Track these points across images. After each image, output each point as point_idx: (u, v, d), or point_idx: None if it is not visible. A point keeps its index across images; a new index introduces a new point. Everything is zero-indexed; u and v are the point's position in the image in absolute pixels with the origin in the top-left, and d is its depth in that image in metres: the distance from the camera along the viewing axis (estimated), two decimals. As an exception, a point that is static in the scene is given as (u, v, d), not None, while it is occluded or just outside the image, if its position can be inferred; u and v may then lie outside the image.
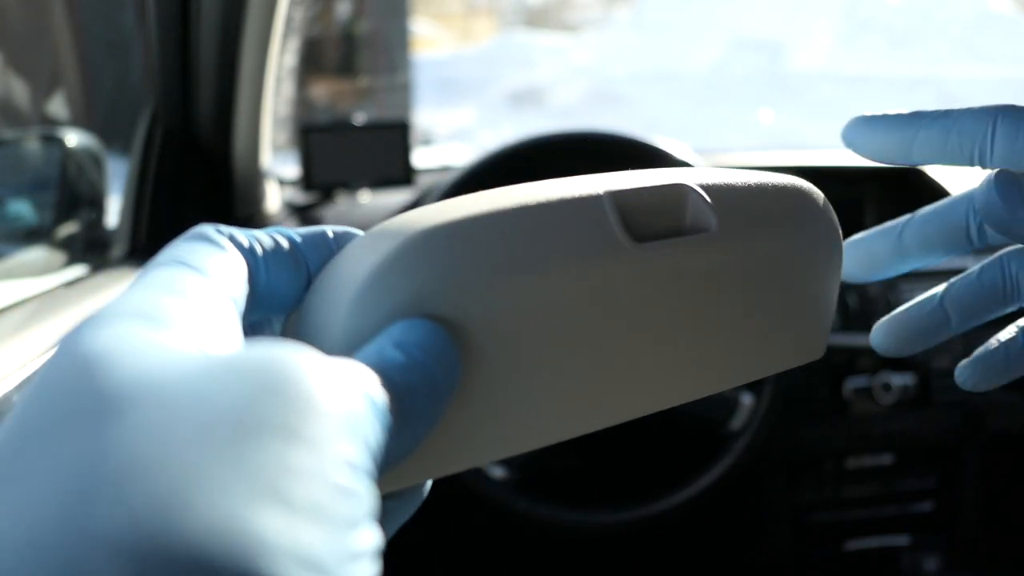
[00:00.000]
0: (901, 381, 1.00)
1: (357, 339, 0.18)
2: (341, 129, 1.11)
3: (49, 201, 0.92)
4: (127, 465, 0.12)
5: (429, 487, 0.22)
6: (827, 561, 1.11)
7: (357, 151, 1.10)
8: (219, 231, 0.19)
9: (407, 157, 1.10)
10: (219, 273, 0.17)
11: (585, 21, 6.74)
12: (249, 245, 0.19)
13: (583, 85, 5.42)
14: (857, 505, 1.09)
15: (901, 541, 1.11)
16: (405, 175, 1.10)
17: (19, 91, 2.07)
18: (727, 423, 0.88)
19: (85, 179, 0.94)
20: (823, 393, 1.01)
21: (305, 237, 0.20)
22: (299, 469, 0.13)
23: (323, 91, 4.29)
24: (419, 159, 1.20)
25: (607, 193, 0.21)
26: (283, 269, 0.19)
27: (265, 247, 0.19)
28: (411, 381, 0.17)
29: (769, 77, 5.29)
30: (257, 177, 1.04)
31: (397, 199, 1.08)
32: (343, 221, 1.07)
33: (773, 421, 0.88)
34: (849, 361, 1.01)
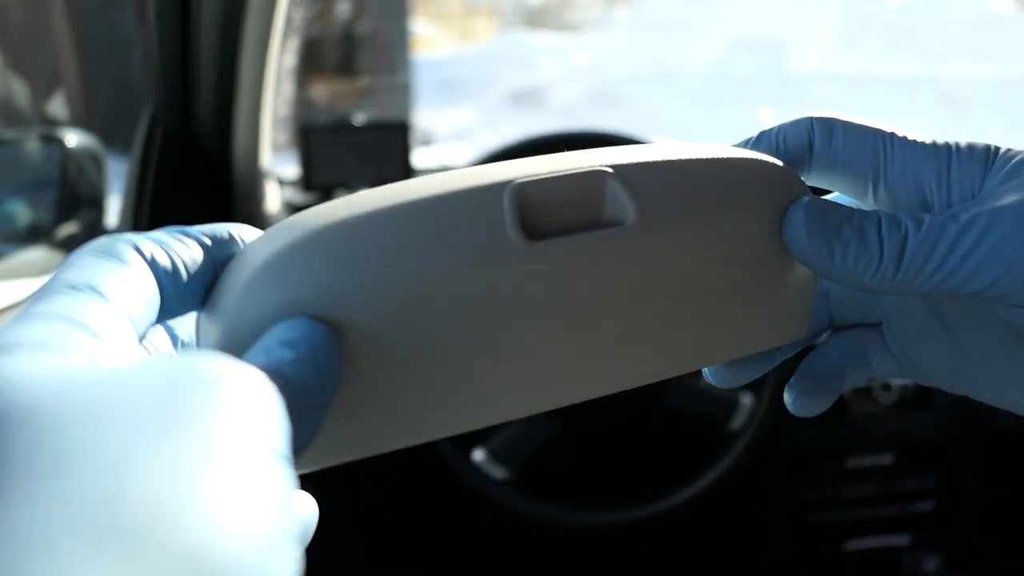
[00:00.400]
0: (901, 381, 1.00)
1: (243, 335, 0.19)
2: (341, 129, 1.11)
3: (49, 201, 0.92)
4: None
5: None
6: (827, 561, 1.11)
7: (357, 151, 1.10)
8: (124, 242, 0.19)
9: (407, 157, 1.10)
10: (117, 293, 0.17)
11: (585, 21, 6.73)
12: (151, 257, 0.19)
13: (583, 85, 5.42)
14: (857, 505, 1.09)
15: (901, 541, 1.11)
16: (405, 175, 1.10)
17: (19, 91, 2.07)
18: (727, 423, 0.88)
19: (85, 179, 0.94)
20: (823, 393, 1.01)
21: (213, 239, 0.20)
22: (208, 467, 0.13)
23: (323, 91, 4.29)
24: (419, 159, 1.20)
25: (510, 185, 0.20)
26: (192, 273, 0.20)
27: (173, 254, 0.19)
28: (301, 375, 0.18)
29: (769, 77, 5.29)
30: (257, 177, 1.04)
31: (397, 199, 1.08)
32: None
33: (773, 421, 0.88)
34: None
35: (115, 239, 0.19)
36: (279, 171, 1.18)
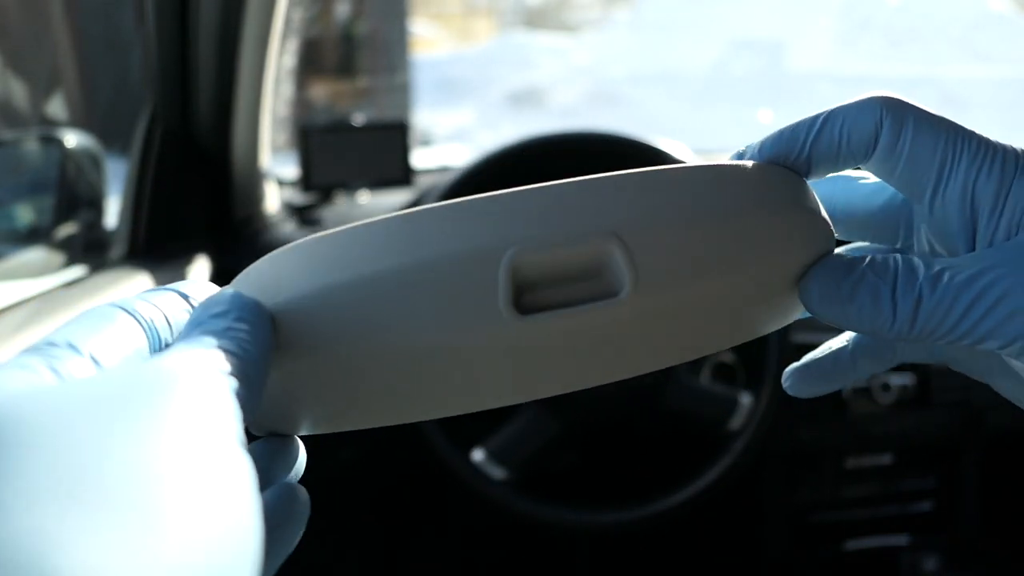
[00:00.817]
0: (900, 381, 1.00)
1: None
2: (340, 130, 1.11)
3: (48, 202, 0.92)
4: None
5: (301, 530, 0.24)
6: (827, 561, 1.11)
7: (356, 152, 1.10)
8: (113, 305, 0.20)
9: (406, 157, 1.10)
10: (95, 344, 0.19)
11: (585, 21, 6.73)
12: (136, 312, 0.20)
13: (583, 85, 5.42)
14: (857, 505, 1.09)
15: (901, 541, 1.11)
16: (404, 176, 1.10)
17: (18, 91, 2.07)
18: (727, 423, 0.88)
19: (84, 180, 0.94)
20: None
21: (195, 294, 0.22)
22: (164, 452, 0.15)
23: (322, 92, 4.29)
24: (418, 159, 1.20)
25: (507, 256, 0.19)
26: (176, 324, 0.21)
27: (158, 308, 0.21)
28: (248, 349, 0.19)
29: (769, 77, 5.29)
30: (256, 177, 1.04)
31: (396, 200, 1.08)
32: (342, 221, 1.06)
33: (772, 421, 0.88)
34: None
35: (108, 304, 0.20)
36: (278, 171, 1.18)
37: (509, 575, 1.19)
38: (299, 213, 1.09)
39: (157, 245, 0.90)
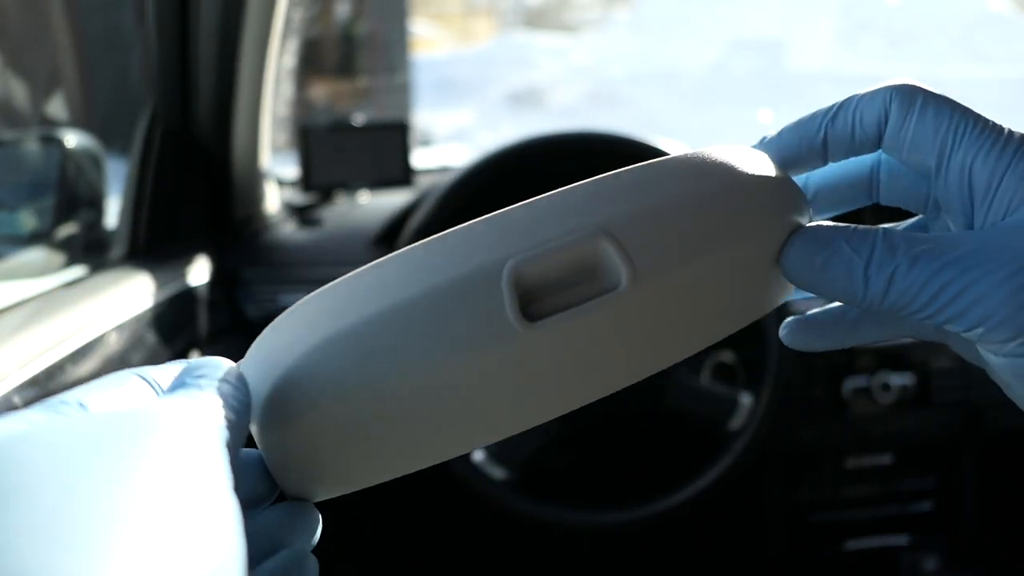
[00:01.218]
0: (900, 381, 1.00)
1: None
2: (340, 130, 1.11)
3: (48, 202, 0.92)
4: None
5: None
6: (827, 561, 1.11)
7: (356, 152, 1.10)
8: (133, 372, 0.21)
9: (406, 158, 1.10)
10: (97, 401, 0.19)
11: (584, 21, 6.73)
12: (153, 380, 0.21)
13: (583, 85, 5.42)
14: (857, 505, 1.09)
15: (901, 541, 1.11)
16: (404, 176, 1.10)
17: (18, 91, 2.07)
18: (727, 423, 0.88)
19: (84, 180, 0.93)
20: (822, 393, 1.01)
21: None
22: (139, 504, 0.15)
23: (322, 92, 4.29)
24: (418, 159, 1.20)
25: (507, 268, 0.20)
26: None
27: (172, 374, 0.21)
28: (232, 404, 0.20)
29: (768, 77, 5.29)
30: (256, 178, 1.04)
31: (396, 200, 1.08)
32: (342, 221, 1.07)
33: (772, 421, 0.87)
34: (848, 361, 1.01)
35: (126, 370, 0.21)
36: (279, 171, 1.18)
37: (509, 575, 1.19)
38: (299, 213, 1.09)
39: (157, 245, 0.90)
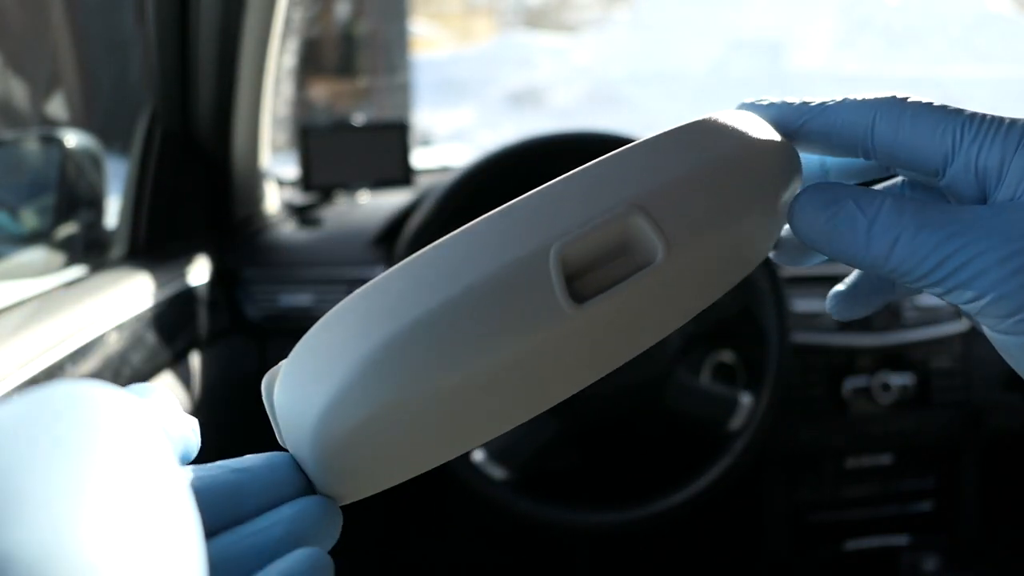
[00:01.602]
0: (900, 381, 1.00)
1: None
2: (340, 130, 1.11)
3: (48, 202, 0.92)
4: None
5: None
6: (827, 561, 1.11)
7: (356, 152, 1.10)
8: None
9: (406, 158, 1.10)
10: None
11: (584, 21, 6.73)
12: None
13: (583, 85, 5.42)
14: (857, 505, 1.09)
15: (901, 541, 1.11)
16: (404, 176, 1.10)
17: (18, 91, 2.07)
18: (726, 423, 0.88)
19: (84, 180, 0.93)
20: (822, 393, 1.01)
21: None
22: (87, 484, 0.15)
23: (322, 92, 4.29)
24: (418, 159, 1.20)
25: (552, 251, 0.21)
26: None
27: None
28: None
29: (768, 77, 5.29)
30: (256, 178, 1.04)
31: (396, 200, 1.08)
32: (342, 221, 1.07)
33: (772, 421, 0.87)
34: (848, 361, 1.01)
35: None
36: (279, 171, 1.18)
37: (509, 575, 1.19)
38: (299, 213, 1.09)
39: (157, 245, 0.90)
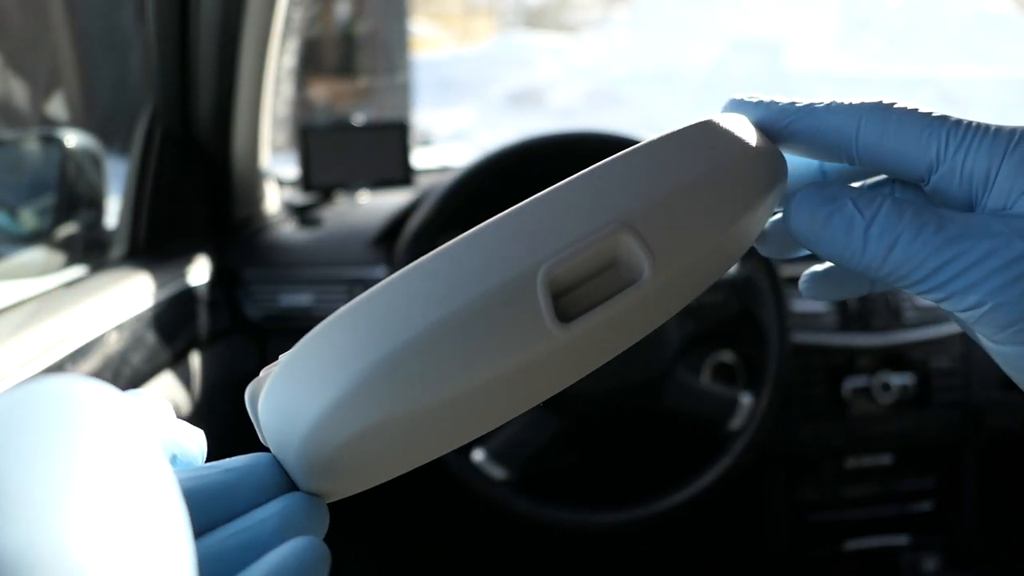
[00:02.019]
0: (900, 381, 1.00)
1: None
2: (340, 130, 1.11)
3: (48, 202, 0.92)
4: None
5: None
6: (827, 561, 1.11)
7: (356, 152, 1.10)
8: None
9: (406, 157, 1.10)
10: None
11: (584, 21, 6.73)
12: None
13: (583, 85, 5.42)
14: (856, 505, 1.09)
15: (901, 541, 1.11)
16: (404, 176, 1.10)
17: (18, 91, 2.07)
18: (726, 423, 0.88)
19: (84, 180, 0.93)
20: (822, 393, 1.01)
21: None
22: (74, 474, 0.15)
23: (322, 92, 4.29)
24: (418, 159, 1.20)
25: (540, 273, 0.20)
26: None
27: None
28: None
29: (768, 77, 5.29)
30: (256, 178, 1.04)
31: (396, 200, 1.08)
32: (342, 221, 1.07)
33: (772, 421, 0.88)
34: (848, 361, 1.01)
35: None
36: (279, 171, 1.18)
37: (509, 575, 1.19)
38: (299, 213, 1.09)
39: (157, 245, 0.90)
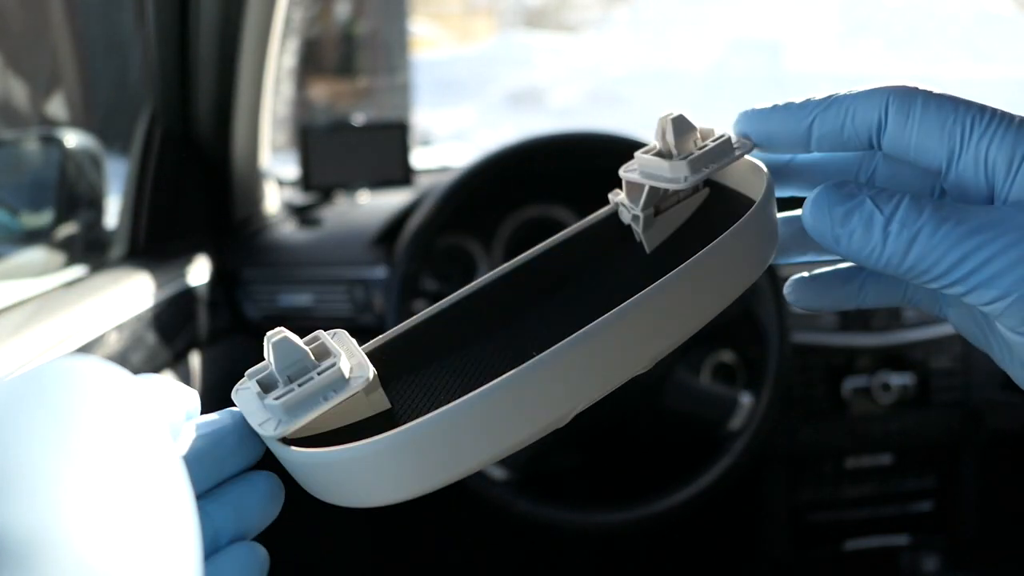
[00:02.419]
0: (900, 381, 1.00)
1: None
2: (340, 130, 1.11)
3: (48, 202, 0.92)
4: None
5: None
6: (827, 561, 1.11)
7: (356, 152, 1.10)
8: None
9: (406, 157, 1.10)
10: None
11: (584, 21, 6.73)
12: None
13: (583, 85, 5.42)
14: (856, 505, 1.09)
15: (901, 541, 1.11)
16: (404, 176, 1.10)
17: (18, 91, 2.07)
18: (726, 423, 0.88)
19: (84, 180, 0.93)
20: (822, 393, 1.01)
21: None
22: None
23: (322, 91, 4.29)
24: (418, 159, 1.20)
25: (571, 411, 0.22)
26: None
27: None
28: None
29: (768, 77, 5.29)
30: (256, 178, 1.04)
31: (396, 200, 1.08)
32: (342, 221, 1.07)
33: (772, 421, 0.88)
34: (848, 361, 1.01)
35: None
36: (279, 171, 1.18)
37: (509, 575, 1.19)
38: (299, 213, 1.09)
39: (157, 245, 0.90)
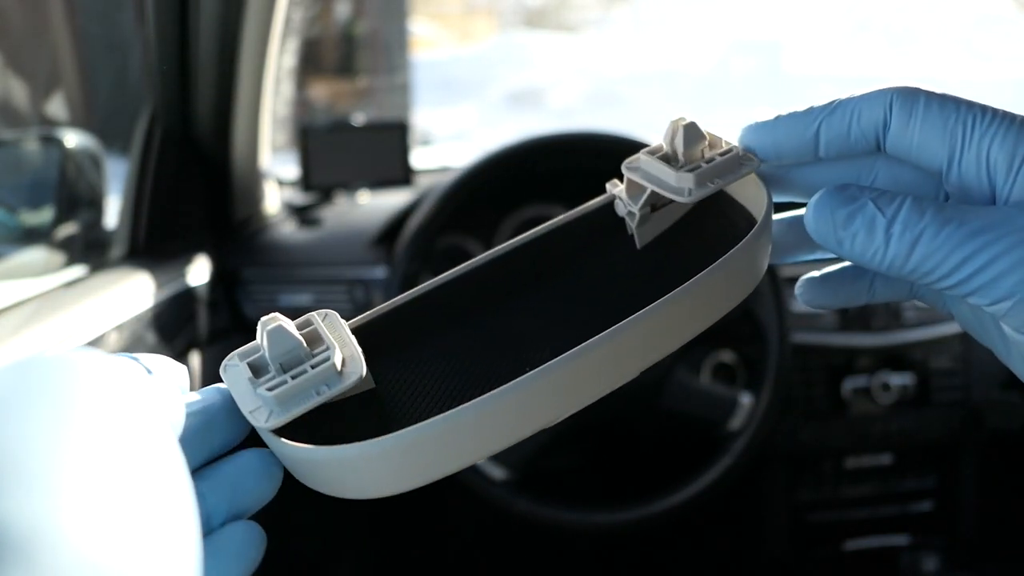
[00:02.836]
0: (900, 381, 1.00)
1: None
2: (340, 130, 1.11)
3: (48, 202, 0.92)
4: None
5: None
6: (826, 561, 1.11)
7: (356, 152, 1.10)
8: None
9: (406, 157, 1.10)
10: None
11: (584, 21, 6.73)
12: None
13: (583, 85, 5.42)
14: (856, 505, 1.09)
15: (900, 541, 1.11)
16: (404, 175, 1.10)
17: (18, 91, 2.07)
18: (726, 423, 0.88)
19: (84, 180, 0.93)
20: (822, 393, 1.01)
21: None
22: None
23: (322, 91, 4.29)
24: (418, 159, 1.20)
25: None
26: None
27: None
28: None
29: (768, 77, 5.29)
30: (256, 178, 1.04)
31: (396, 200, 1.08)
32: (342, 221, 1.07)
33: (772, 421, 0.88)
34: (848, 361, 1.01)
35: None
36: (279, 171, 1.18)
37: (509, 575, 1.19)
38: (299, 213, 1.10)
39: (157, 245, 0.90)
